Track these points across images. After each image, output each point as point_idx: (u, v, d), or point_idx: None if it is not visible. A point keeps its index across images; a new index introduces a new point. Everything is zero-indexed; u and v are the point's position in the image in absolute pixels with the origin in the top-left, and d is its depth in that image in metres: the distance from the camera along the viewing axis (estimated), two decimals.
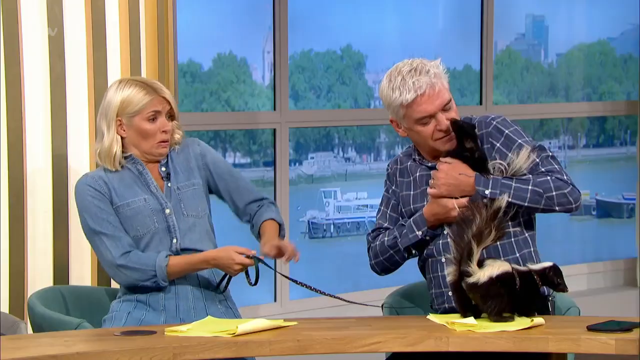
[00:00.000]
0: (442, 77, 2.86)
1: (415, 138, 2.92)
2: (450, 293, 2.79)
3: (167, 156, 3.03)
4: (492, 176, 2.82)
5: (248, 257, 2.89)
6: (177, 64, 3.69)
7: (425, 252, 2.93)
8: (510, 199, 2.75)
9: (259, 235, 3.05)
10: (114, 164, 2.97)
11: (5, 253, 3.30)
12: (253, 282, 2.93)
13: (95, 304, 3.15)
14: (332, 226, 4.61)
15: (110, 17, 3.47)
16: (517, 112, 5.01)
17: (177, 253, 2.95)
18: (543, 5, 5.18)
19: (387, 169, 3.05)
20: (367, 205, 4.70)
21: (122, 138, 2.98)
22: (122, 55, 3.50)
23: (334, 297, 2.99)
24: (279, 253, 2.96)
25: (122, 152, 2.98)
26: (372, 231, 3.02)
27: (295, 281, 2.98)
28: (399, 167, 3.01)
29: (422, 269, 2.98)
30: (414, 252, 2.93)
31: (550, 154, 2.87)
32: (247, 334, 2.58)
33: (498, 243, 2.75)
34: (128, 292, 2.98)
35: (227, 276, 2.99)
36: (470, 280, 2.62)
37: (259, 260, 2.90)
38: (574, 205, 2.80)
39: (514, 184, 2.79)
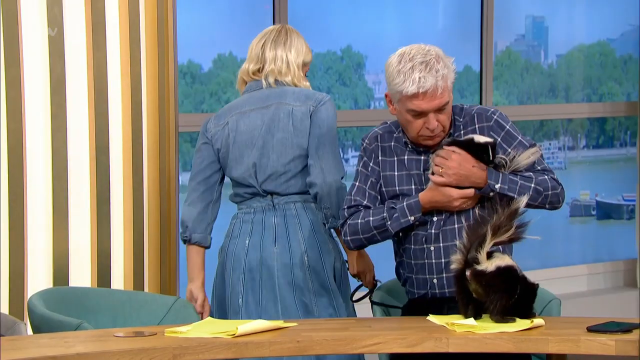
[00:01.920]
0: (449, 79, 2.87)
1: (402, 122, 2.93)
2: (435, 280, 2.81)
3: None
4: (501, 171, 2.87)
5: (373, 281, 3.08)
6: (177, 65, 3.70)
7: (413, 238, 2.92)
8: (515, 195, 2.81)
9: None
10: None
11: (5, 254, 3.30)
12: (354, 298, 3.11)
13: (95, 305, 3.15)
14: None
15: (110, 18, 3.47)
16: (517, 113, 5.01)
17: None
18: (543, 6, 5.18)
19: (364, 144, 2.99)
20: None
21: None
22: (122, 56, 3.50)
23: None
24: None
25: None
26: (348, 207, 2.96)
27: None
28: (379, 144, 2.98)
29: (401, 251, 2.97)
30: (400, 234, 2.94)
31: (541, 152, 2.94)
32: (247, 334, 2.58)
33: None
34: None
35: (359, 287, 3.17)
36: (479, 267, 2.61)
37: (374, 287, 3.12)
38: (560, 205, 2.92)
39: (519, 181, 2.86)
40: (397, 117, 2.93)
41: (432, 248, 2.88)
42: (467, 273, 2.63)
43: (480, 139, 2.89)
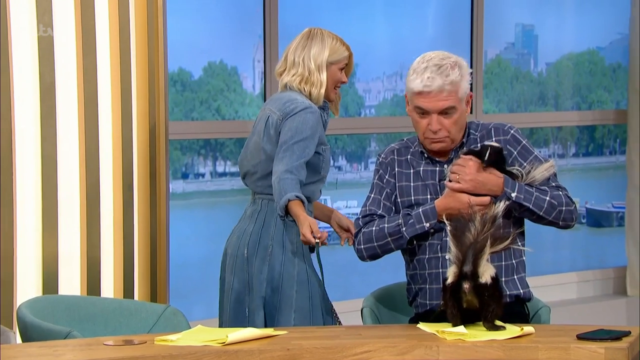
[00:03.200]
0: (460, 87, 2.93)
1: (412, 122, 3.01)
2: None
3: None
4: (517, 181, 2.91)
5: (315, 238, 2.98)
6: (167, 73, 3.70)
7: (428, 248, 2.94)
8: (530, 206, 2.86)
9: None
10: (318, 100, 3.18)
11: None
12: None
13: (85, 313, 3.14)
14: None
15: (100, 26, 3.47)
16: (506, 120, 4.99)
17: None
18: (532, 14, 5.20)
19: (380, 158, 3.07)
20: (357, 214, 4.70)
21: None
22: (112, 63, 3.50)
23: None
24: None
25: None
26: (362, 216, 3.04)
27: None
28: (396, 157, 3.04)
29: (414, 262, 2.98)
30: (415, 242, 2.95)
31: (555, 169, 2.98)
32: (237, 343, 2.58)
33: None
34: None
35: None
36: (481, 281, 2.61)
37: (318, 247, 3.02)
38: (573, 223, 2.95)
39: (535, 192, 2.89)
40: (410, 118, 3.00)
41: (447, 257, 2.88)
42: (465, 286, 2.62)
43: (487, 142, 2.94)
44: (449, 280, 2.65)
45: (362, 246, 3.00)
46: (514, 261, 2.95)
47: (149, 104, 3.59)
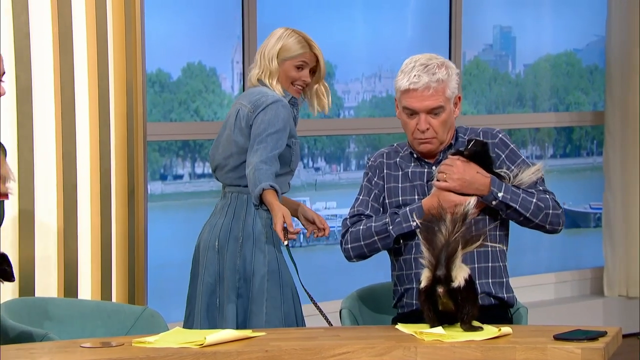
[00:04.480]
0: (447, 87, 2.94)
1: (402, 124, 3.03)
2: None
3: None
4: (504, 181, 2.92)
5: (286, 233, 2.97)
6: (145, 73, 3.69)
7: (414, 248, 2.94)
8: (517, 206, 2.89)
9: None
10: (278, 92, 3.25)
11: None
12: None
13: (62, 315, 3.13)
14: (301, 236, 4.62)
15: (77, 27, 3.46)
16: (485, 122, 5.04)
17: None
18: (510, 16, 5.23)
19: (369, 162, 3.10)
20: (336, 215, 4.71)
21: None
22: (89, 65, 3.49)
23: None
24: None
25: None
26: (350, 217, 3.04)
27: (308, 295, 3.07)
28: (385, 160, 3.06)
29: (400, 262, 2.99)
30: (401, 241, 2.96)
31: (542, 172, 3.00)
32: (215, 344, 2.58)
33: (478, 250, 2.79)
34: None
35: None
36: (454, 285, 2.61)
37: (287, 247, 3.03)
38: (560, 228, 2.99)
39: (522, 194, 2.91)
40: (400, 121, 3.01)
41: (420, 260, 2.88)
42: (440, 290, 2.62)
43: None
44: (423, 285, 2.65)
45: (349, 245, 3.00)
46: (500, 264, 2.97)
47: (127, 105, 3.57)
